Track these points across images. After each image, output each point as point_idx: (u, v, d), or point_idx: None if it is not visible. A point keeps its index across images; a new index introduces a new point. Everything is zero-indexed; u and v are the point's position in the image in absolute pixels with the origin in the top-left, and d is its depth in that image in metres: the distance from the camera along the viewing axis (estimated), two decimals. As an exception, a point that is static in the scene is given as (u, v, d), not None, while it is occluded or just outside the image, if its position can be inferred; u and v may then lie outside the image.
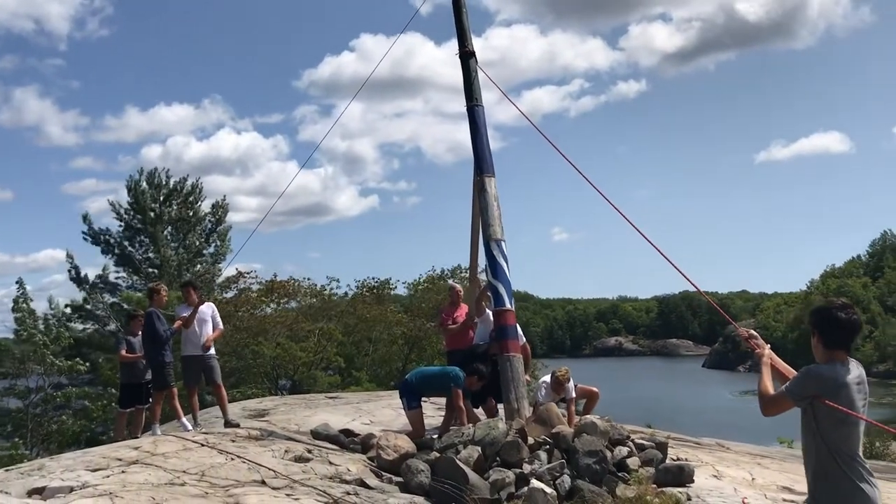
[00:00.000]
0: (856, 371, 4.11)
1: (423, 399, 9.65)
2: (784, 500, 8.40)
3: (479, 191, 10.02)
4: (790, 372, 4.56)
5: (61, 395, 25.04)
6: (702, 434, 14.01)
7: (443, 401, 10.49)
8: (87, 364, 25.08)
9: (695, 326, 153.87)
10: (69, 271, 31.25)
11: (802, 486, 9.25)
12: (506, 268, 9.60)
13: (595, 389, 10.67)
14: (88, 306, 29.87)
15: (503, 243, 9.73)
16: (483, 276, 11.01)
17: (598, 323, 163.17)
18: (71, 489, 6.01)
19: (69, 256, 31.24)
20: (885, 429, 5.41)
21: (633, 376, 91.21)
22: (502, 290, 9.44)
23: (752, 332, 4.88)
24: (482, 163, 10.11)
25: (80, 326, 30.17)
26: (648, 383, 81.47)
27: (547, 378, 10.48)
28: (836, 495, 4.00)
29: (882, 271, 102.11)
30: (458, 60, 10.53)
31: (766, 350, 4.53)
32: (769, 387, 4.25)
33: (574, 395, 10.48)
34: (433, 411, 11.24)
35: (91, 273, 32.00)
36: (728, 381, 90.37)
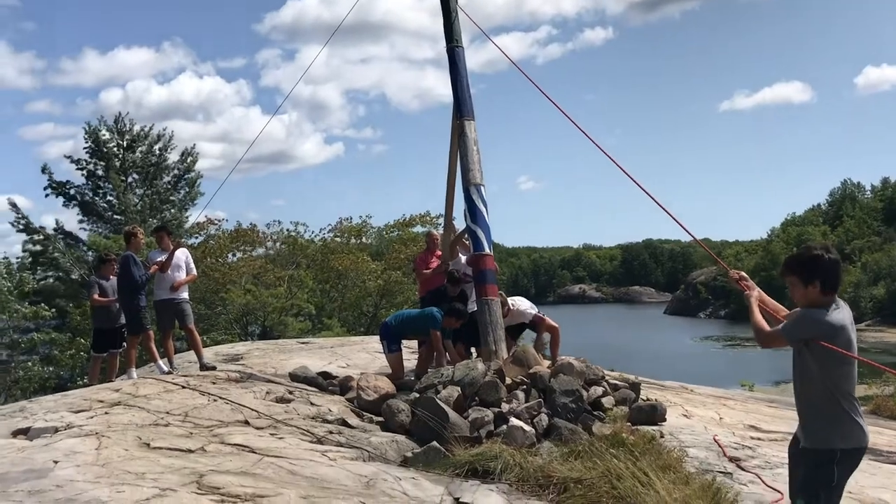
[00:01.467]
0: (848, 312, 4.26)
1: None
2: (751, 437, 8.68)
3: (459, 134, 9.94)
4: (779, 309, 4.73)
5: (26, 340, 24.85)
6: (665, 378, 14.31)
7: (415, 344, 10.61)
8: (53, 310, 24.85)
9: (657, 274, 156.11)
10: (14, 223, 30.03)
11: (767, 425, 9.62)
12: (485, 213, 9.60)
13: (556, 325, 10.65)
14: (52, 253, 29.32)
15: (483, 188, 9.71)
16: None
17: (563, 271, 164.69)
18: (56, 429, 6.03)
19: (13, 205, 30.00)
20: (888, 370, 5.57)
21: (597, 323, 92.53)
22: (481, 234, 9.47)
23: (742, 273, 5.07)
24: (462, 106, 10.01)
25: (41, 275, 29.71)
26: (611, 329, 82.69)
27: None
28: (835, 429, 4.16)
29: (841, 220, 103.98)
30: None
31: (755, 291, 4.67)
32: (762, 322, 4.40)
33: (532, 316, 10.35)
34: (407, 354, 11.37)
35: (50, 221, 31.34)
36: (689, 327, 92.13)
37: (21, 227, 30.03)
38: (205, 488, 4.69)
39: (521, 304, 10.41)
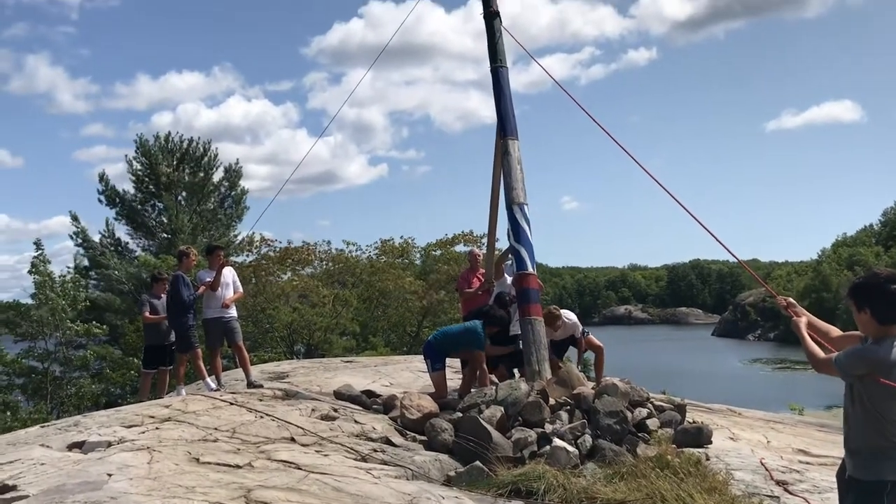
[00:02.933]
0: None
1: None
2: (800, 461, 8.54)
3: (503, 153, 9.97)
4: (831, 331, 4.58)
5: (78, 357, 25.39)
6: (712, 401, 14.12)
7: (459, 364, 10.63)
8: (105, 326, 25.37)
9: (704, 295, 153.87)
10: (74, 235, 31.09)
11: (817, 449, 9.45)
12: (528, 231, 9.60)
13: (600, 344, 10.63)
14: (103, 268, 30.00)
15: (526, 207, 9.72)
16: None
17: (608, 291, 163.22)
18: (109, 444, 6.19)
19: (74, 218, 31.05)
20: None
21: (643, 344, 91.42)
22: (525, 253, 9.47)
23: (790, 299, 4.91)
24: (506, 125, 10.05)
25: (93, 290, 30.37)
26: (658, 351, 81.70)
27: None
28: (885, 460, 4.01)
29: (895, 240, 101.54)
30: (480, 22, 10.46)
31: (804, 318, 4.54)
32: (816, 349, 4.26)
33: (580, 333, 10.47)
34: (450, 374, 11.41)
35: (94, 233, 32.04)
36: (737, 349, 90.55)
37: (80, 240, 30.96)
38: (253, 503, 4.78)
39: (572, 316, 10.48)
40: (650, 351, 78.92)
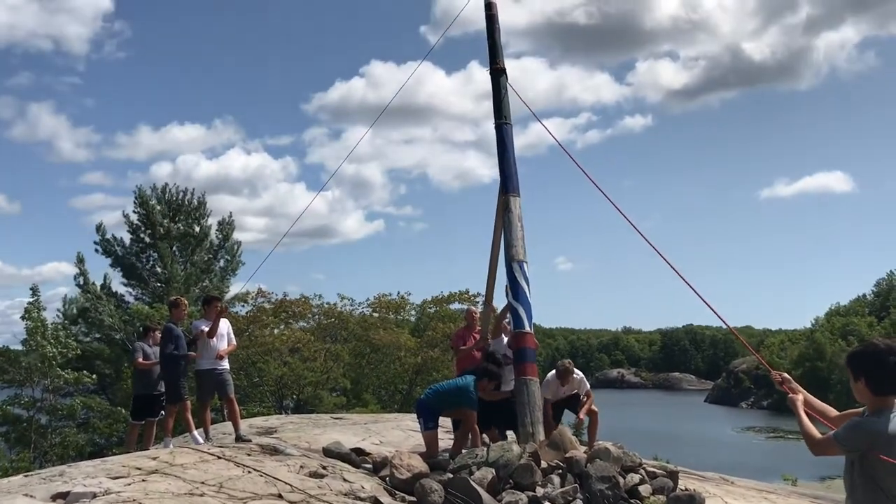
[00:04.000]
0: None
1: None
2: (793, 533, 8.44)
3: (504, 210, 9.99)
4: (827, 411, 4.49)
5: (65, 406, 25.12)
6: (705, 468, 13.99)
7: (451, 424, 10.50)
8: (94, 376, 25.16)
9: (698, 361, 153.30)
10: (76, 277, 31.13)
11: (810, 520, 9.33)
12: (527, 290, 9.59)
13: (595, 409, 10.55)
14: (97, 313, 29.89)
15: (525, 265, 9.72)
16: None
17: (601, 354, 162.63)
18: (94, 495, 6.10)
19: (80, 261, 31.11)
20: None
21: (636, 409, 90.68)
22: (522, 312, 9.45)
23: (786, 375, 4.78)
24: (508, 181, 10.10)
25: (85, 336, 30.21)
26: (651, 416, 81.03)
27: (551, 374, 10.47)
28: None
29: (888, 311, 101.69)
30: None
31: (800, 395, 4.43)
32: (812, 429, 4.14)
33: (588, 388, 10.47)
34: (442, 434, 11.30)
35: (97, 284, 32.03)
36: (730, 416, 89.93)
37: (81, 281, 30.93)
38: (238, 561, 4.70)
39: (580, 374, 10.47)
40: (643, 415, 78.22)
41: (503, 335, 10.44)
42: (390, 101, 12.50)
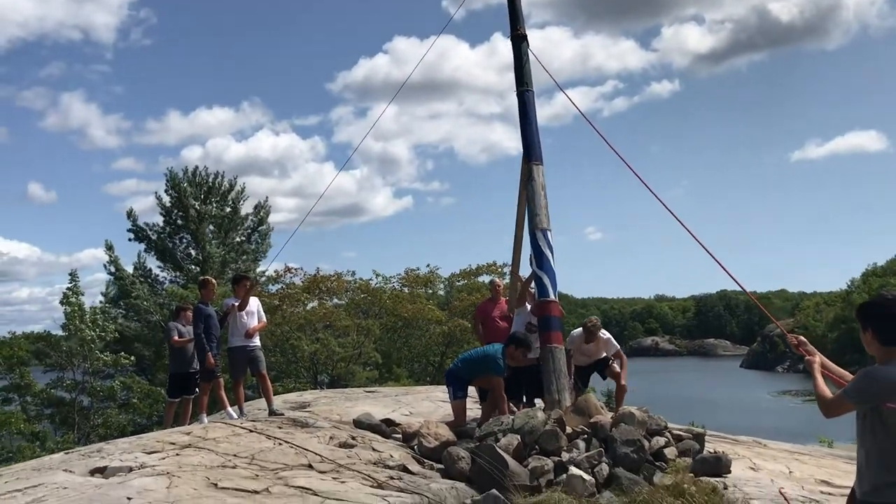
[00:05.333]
0: None
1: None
2: (822, 492, 8.45)
3: (527, 179, 9.91)
4: (844, 375, 4.55)
5: (105, 388, 25.70)
6: (740, 433, 13.96)
7: (478, 394, 10.61)
8: (132, 358, 25.69)
9: (732, 326, 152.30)
10: (107, 265, 31.74)
11: (841, 480, 9.34)
12: (551, 258, 9.52)
13: (623, 383, 10.56)
14: (132, 295, 30.43)
15: (549, 233, 9.64)
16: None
17: (634, 322, 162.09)
18: (130, 469, 6.31)
19: (109, 248, 31.72)
20: None
21: (671, 375, 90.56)
22: (547, 280, 9.41)
23: (802, 338, 4.87)
24: (531, 150, 9.99)
25: (122, 321, 30.79)
26: (686, 383, 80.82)
27: (577, 331, 10.53)
28: (892, 484, 3.96)
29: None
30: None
31: (817, 357, 4.49)
32: (825, 390, 4.21)
33: (618, 349, 10.56)
34: (471, 404, 11.42)
35: (131, 269, 32.56)
36: (766, 381, 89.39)
37: (113, 269, 31.49)
38: (267, 527, 4.87)
39: (607, 334, 10.52)
40: (678, 382, 78.10)
41: (527, 304, 10.49)
42: (410, 74, 12.44)
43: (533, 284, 10.02)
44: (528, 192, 9.91)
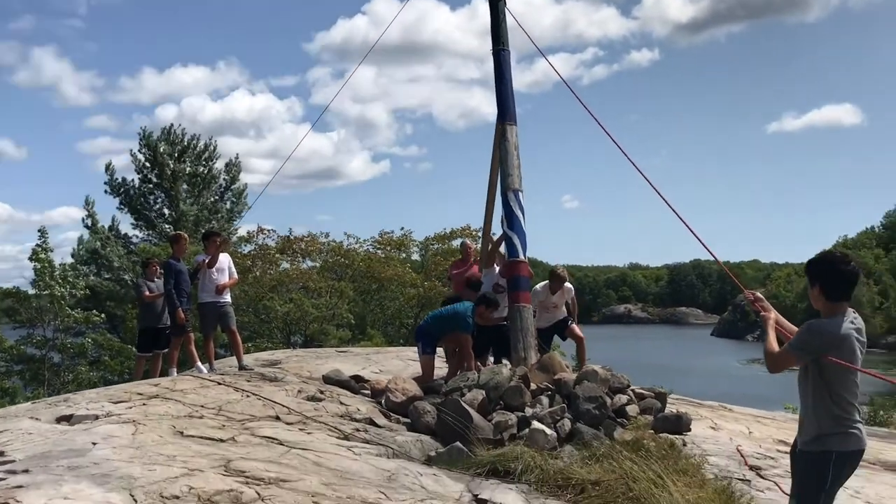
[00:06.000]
0: (856, 321, 4.24)
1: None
2: (778, 450, 8.68)
3: (500, 138, 9.89)
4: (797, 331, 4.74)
5: (76, 345, 25.58)
6: (708, 399, 14.22)
7: (445, 354, 10.72)
8: (103, 315, 25.59)
9: (705, 295, 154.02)
10: (84, 219, 31.56)
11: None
12: (522, 219, 9.56)
13: (581, 335, 10.73)
14: (105, 251, 30.28)
15: (521, 194, 9.66)
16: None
17: (608, 290, 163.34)
18: (96, 417, 6.35)
19: (87, 203, 31.49)
20: (886, 379, 5.41)
21: (642, 342, 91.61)
22: (517, 241, 9.46)
23: (758, 294, 5.02)
24: (505, 110, 9.95)
25: (94, 278, 30.60)
26: (657, 350, 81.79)
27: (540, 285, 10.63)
28: (832, 433, 4.20)
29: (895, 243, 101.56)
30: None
31: (772, 314, 4.62)
32: (774, 345, 4.37)
33: (573, 295, 10.82)
34: (441, 363, 11.54)
35: (105, 227, 32.31)
36: (736, 349, 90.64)
37: (89, 223, 31.26)
38: (231, 471, 4.94)
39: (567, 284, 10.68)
40: (649, 349, 79.01)
41: (495, 266, 10.59)
42: (384, 32, 12.31)
43: (503, 245, 10.08)
44: (500, 152, 9.90)
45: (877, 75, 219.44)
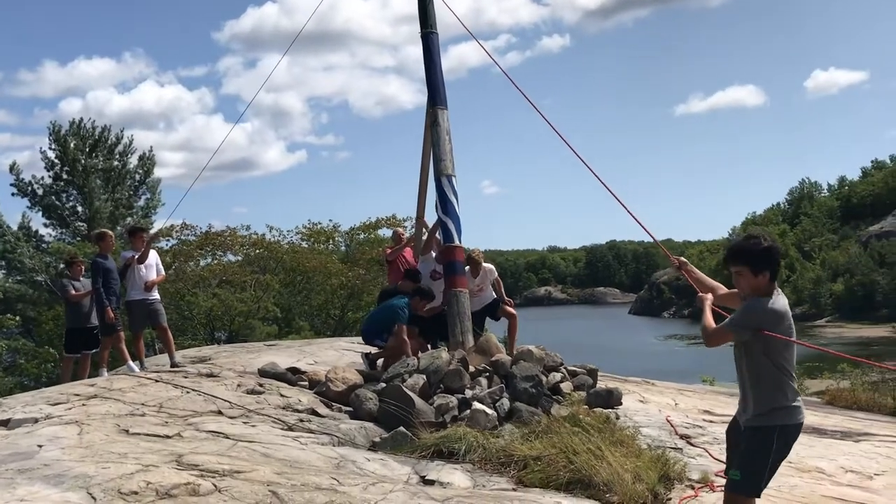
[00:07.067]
0: (785, 298, 4.49)
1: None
2: (704, 420, 9.13)
3: (432, 123, 9.90)
4: (719, 287, 4.99)
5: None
6: (628, 375, 14.71)
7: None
8: (18, 318, 24.74)
9: (621, 275, 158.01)
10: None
11: (721, 409, 10.08)
12: (456, 204, 9.63)
13: (514, 311, 10.81)
14: (15, 253, 29.17)
15: (454, 179, 9.73)
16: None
17: (528, 273, 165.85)
18: (36, 420, 6.25)
19: None
20: (830, 352, 5.78)
21: (561, 322, 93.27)
22: (451, 226, 9.55)
23: (683, 259, 5.41)
24: (435, 94, 9.95)
25: (6, 280, 29.51)
26: (577, 329, 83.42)
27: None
28: (778, 408, 4.38)
29: (800, 218, 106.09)
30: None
31: (709, 295, 4.83)
32: (711, 322, 4.59)
33: (496, 276, 10.81)
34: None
35: (13, 225, 31.10)
36: (653, 326, 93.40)
37: None
38: (185, 465, 4.97)
39: (489, 265, 10.78)
40: (569, 329, 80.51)
41: (431, 252, 10.71)
42: (304, 25, 12.20)
43: (439, 231, 10.19)
44: (432, 137, 9.91)
45: (776, 57, 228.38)
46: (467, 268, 10.63)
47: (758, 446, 4.41)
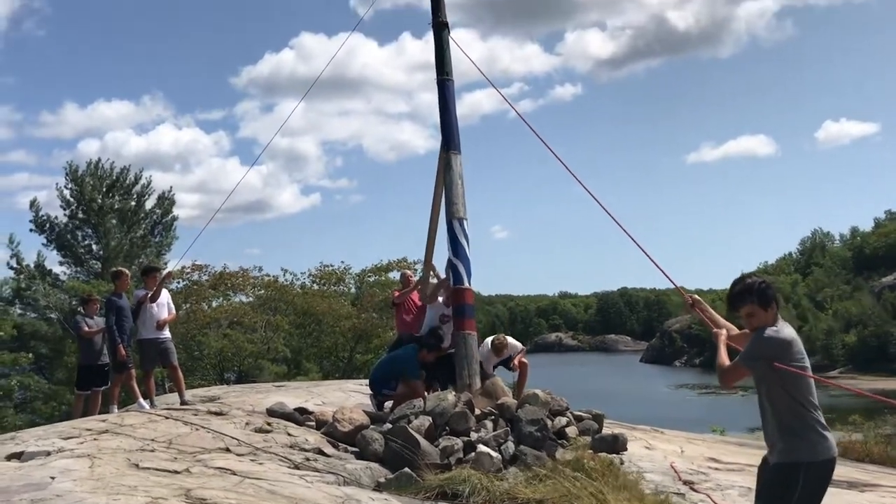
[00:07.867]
0: (790, 326, 4.55)
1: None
2: (710, 467, 9.13)
3: (445, 167, 10.04)
4: (732, 328, 5.00)
5: (1, 388, 24.78)
6: (637, 423, 14.67)
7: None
8: (31, 356, 24.91)
9: (633, 322, 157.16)
10: (10, 260, 30.62)
11: (728, 457, 10.08)
12: (467, 247, 9.74)
13: (525, 361, 10.93)
14: (31, 290, 29.43)
15: (465, 222, 9.84)
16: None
17: (539, 319, 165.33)
18: (48, 453, 6.37)
19: (12, 242, 30.63)
20: (834, 384, 5.74)
21: (572, 369, 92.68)
22: (462, 269, 9.65)
23: (696, 297, 5.43)
24: (449, 138, 10.10)
25: (21, 318, 29.72)
26: (588, 376, 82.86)
27: (487, 343, 10.82)
28: (803, 443, 4.29)
29: (811, 268, 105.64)
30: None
31: (724, 332, 4.85)
32: (725, 359, 4.55)
33: (519, 349, 10.93)
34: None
35: (31, 265, 31.40)
36: (664, 374, 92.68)
37: (14, 264, 30.38)
38: (193, 498, 5.07)
39: (514, 342, 10.91)
40: (580, 376, 79.97)
41: (439, 298, 10.77)
42: (321, 72, 12.53)
43: (445, 273, 10.30)
44: (445, 181, 10.05)
45: (787, 108, 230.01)
46: (489, 346, 10.69)
47: (778, 482, 4.32)
